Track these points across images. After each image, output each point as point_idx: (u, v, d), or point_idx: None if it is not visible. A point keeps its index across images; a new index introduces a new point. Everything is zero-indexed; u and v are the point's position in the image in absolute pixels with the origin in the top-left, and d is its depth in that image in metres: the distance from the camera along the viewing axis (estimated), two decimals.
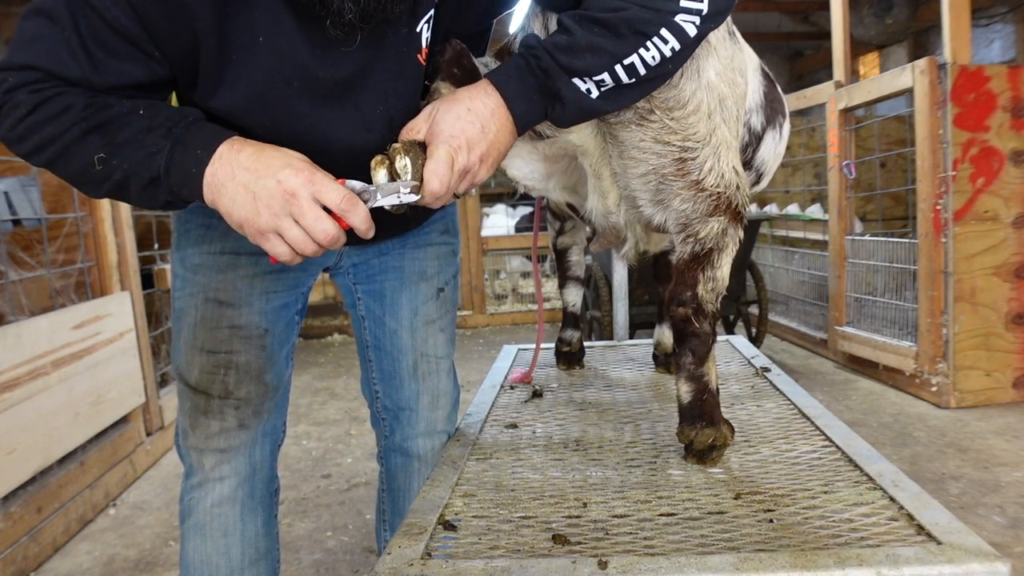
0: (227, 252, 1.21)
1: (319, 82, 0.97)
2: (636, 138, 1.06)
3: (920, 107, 3.20)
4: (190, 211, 1.21)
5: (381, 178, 0.91)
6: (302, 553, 2.19)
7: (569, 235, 1.75)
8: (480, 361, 4.59)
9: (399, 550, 0.86)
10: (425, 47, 1.03)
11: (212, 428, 1.22)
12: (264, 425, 1.27)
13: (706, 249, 1.10)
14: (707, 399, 1.11)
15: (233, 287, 1.21)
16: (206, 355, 1.21)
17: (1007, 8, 6.14)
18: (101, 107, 0.89)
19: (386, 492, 1.43)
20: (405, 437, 1.36)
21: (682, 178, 1.07)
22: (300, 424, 3.44)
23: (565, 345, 1.78)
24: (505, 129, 0.97)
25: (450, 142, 0.93)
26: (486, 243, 5.87)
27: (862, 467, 1.04)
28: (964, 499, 2.31)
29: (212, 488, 1.23)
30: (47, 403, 2.27)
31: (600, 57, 0.91)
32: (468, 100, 0.95)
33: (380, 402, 1.39)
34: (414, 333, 1.35)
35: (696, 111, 1.04)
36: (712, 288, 1.11)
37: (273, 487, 1.33)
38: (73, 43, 0.88)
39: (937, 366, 3.23)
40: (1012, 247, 3.15)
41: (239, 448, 1.24)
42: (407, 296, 1.34)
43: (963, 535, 0.81)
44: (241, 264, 1.21)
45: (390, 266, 1.34)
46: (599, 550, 0.85)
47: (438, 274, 1.37)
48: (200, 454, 1.23)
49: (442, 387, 1.38)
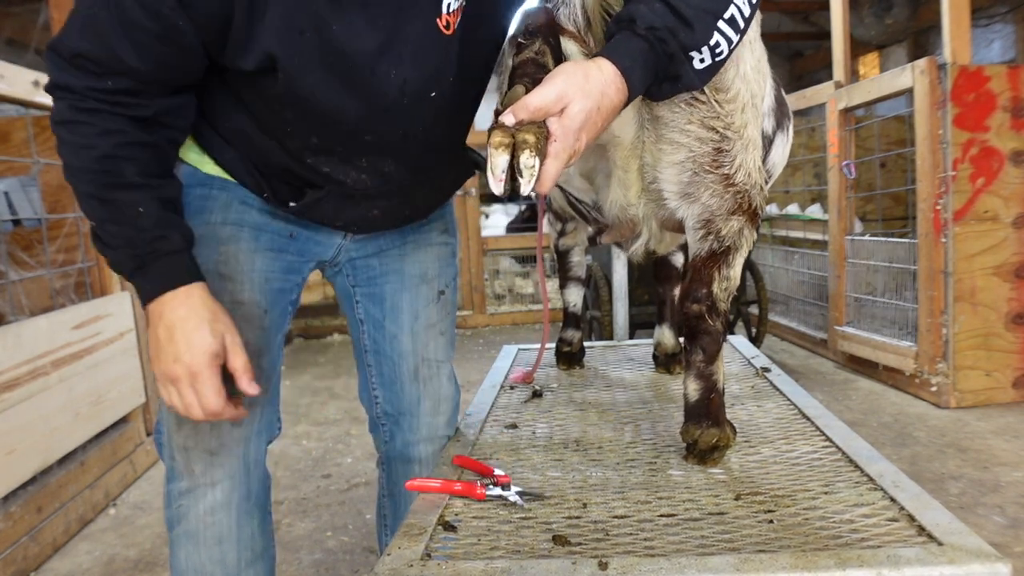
0: (229, 223, 1.17)
1: (332, 36, 0.95)
2: (683, 120, 1.05)
3: (920, 107, 3.20)
4: (189, 181, 1.17)
5: (500, 162, 0.84)
6: (302, 553, 2.19)
7: (570, 236, 1.75)
8: (480, 361, 4.59)
9: (399, 551, 0.86)
10: (447, 13, 0.99)
11: (202, 425, 1.11)
12: (259, 421, 1.19)
13: (724, 247, 1.11)
14: (714, 398, 1.12)
15: (236, 260, 1.16)
16: None
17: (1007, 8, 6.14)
18: (114, 172, 0.96)
19: (388, 498, 1.41)
20: (407, 443, 1.34)
21: (716, 170, 1.07)
22: (300, 424, 3.44)
23: (566, 345, 1.78)
24: (613, 117, 0.93)
25: (575, 145, 0.88)
26: (486, 243, 5.87)
27: (862, 467, 1.04)
28: (964, 499, 2.31)
29: (203, 495, 1.14)
30: (47, 403, 2.26)
31: (706, 19, 0.89)
32: (600, 95, 0.88)
33: (380, 407, 1.37)
34: (415, 337, 1.32)
35: (735, 99, 1.04)
36: (725, 287, 1.12)
37: (268, 484, 1.26)
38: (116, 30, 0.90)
39: (937, 366, 3.23)
40: (1012, 247, 3.15)
41: (231, 448, 1.14)
42: (408, 299, 1.32)
43: (964, 536, 0.81)
44: (244, 237, 1.17)
45: (390, 268, 1.32)
46: (599, 551, 0.85)
47: (439, 276, 1.35)
48: (187, 455, 1.13)
49: (444, 392, 1.36)
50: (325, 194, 1.15)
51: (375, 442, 1.43)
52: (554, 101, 0.85)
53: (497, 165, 0.84)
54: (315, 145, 1.08)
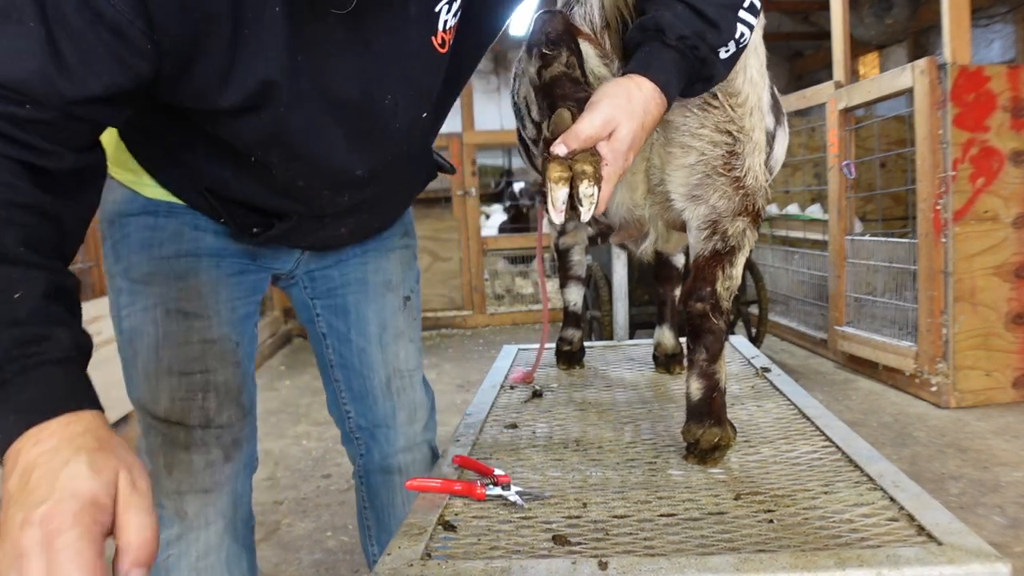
0: (183, 255, 1.05)
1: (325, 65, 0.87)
2: (695, 124, 1.05)
3: (920, 107, 3.20)
4: (127, 209, 1.05)
5: (561, 195, 0.84)
6: (302, 553, 2.19)
7: (570, 236, 1.75)
8: (480, 361, 4.59)
9: (399, 551, 0.86)
10: (444, 31, 0.94)
11: (196, 464, 1.05)
12: (244, 456, 1.14)
13: (728, 247, 1.11)
14: (716, 397, 1.12)
15: (199, 295, 1.05)
16: (177, 377, 1.05)
17: (1007, 8, 6.14)
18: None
19: (369, 509, 1.37)
20: (385, 455, 1.31)
21: (727, 173, 1.07)
22: (300, 424, 3.44)
23: (566, 344, 1.78)
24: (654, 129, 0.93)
25: (624, 165, 0.88)
26: (486, 243, 5.87)
27: (862, 467, 1.04)
28: (964, 499, 2.31)
29: (196, 538, 1.07)
30: None
31: (728, 15, 0.89)
32: (644, 113, 0.87)
33: (353, 421, 1.31)
34: (384, 349, 1.27)
35: (745, 103, 1.05)
36: (728, 287, 1.12)
37: (252, 524, 1.20)
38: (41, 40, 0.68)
39: (937, 366, 3.23)
40: (1012, 247, 3.15)
41: (224, 485, 1.09)
42: (374, 310, 1.25)
43: (964, 536, 0.81)
44: (202, 268, 1.06)
45: (352, 278, 1.25)
46: (599, 551, 0.85)
47: (403, 282, 1.30)
48: (180, 499, 1.06)
49: (418, 400, 1.32)
50: (296, 223, 1.07)
51: (349, 454, 1.38)
52: (602, 127, 0.85)
53: (558, 199, 0.85)
54: (300, 187, 1.00)
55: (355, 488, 1.40)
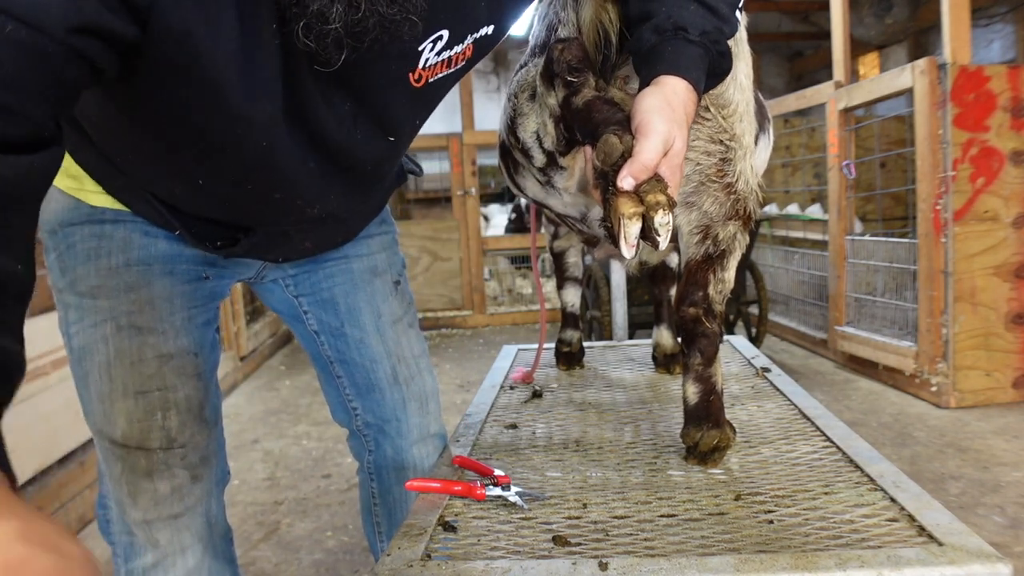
0: (134, 264, 0.98)
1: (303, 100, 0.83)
2: (690, 137, 1.05)
3: (920, 107, 3.20)
4: (70, 218, 0.97)
5: (635, 230, 0.80)
6: (302, 553, 2.19)
7: (565, 238, 1.75)
8: (480, 361, 4.59)
9: (399, 551, 0.86)
10: (423, 68, 0.90)
11: (161, 490, 0.99)
12: (214, 472, 1.07)
13: (719, 251, 1.12)
14: (713, 400, 1.12)
15: (151, 307, 0.98)
16: (133, 398, 0.98)
17: (1007, 8, 6.14)
18: None
19: (380, 507, 1.33)
20: (398, 450, 1.26)
21: (720, 179, 1.08)
22: (300, 424, 3.44)
23: (565, 345, 1.78)
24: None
25: (681, 176, 0.86)
26: (486, 243, 5.87)
27: (863, 468, 1.04)
28: (964, 499, 2.31)
29: (174, 564, 1.02)
30: (47, 403, 2.26)
31: (731, 8, 0.90)
32: (686, 116, 0.85)
33: (360, 418, 1.27)
34: (383, 337, 1.21)
35: (735, 112, 1.06)
36: (720, 290, 1.12)
37: (231, 536, 1.15)
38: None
39: (937, 366, 3.23)
40: (1012, 247, 3.15)
41: (195, 507, 1.03)
42: (364, 297, 1.20)
43: (964, 536, 0.81)
44: (155, 276, 0.98)
45: (335, 269, 1.20)
46: (599, 551, 0.85)
47: (390, 267, 1.25)
48: (149, 528, 1.00)
49: (428, 388, 1.28)
50: (259, 238, 1.02)
51: (355, 451, 1.34)
52: (662, 149, 0.82)
53: (632, 234, 0.81)
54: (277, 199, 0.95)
55: (360, 485, 1.36)
